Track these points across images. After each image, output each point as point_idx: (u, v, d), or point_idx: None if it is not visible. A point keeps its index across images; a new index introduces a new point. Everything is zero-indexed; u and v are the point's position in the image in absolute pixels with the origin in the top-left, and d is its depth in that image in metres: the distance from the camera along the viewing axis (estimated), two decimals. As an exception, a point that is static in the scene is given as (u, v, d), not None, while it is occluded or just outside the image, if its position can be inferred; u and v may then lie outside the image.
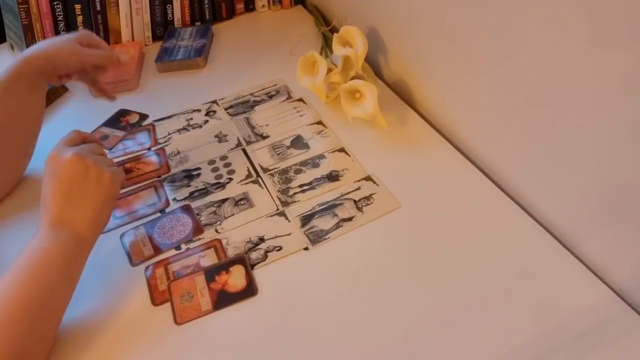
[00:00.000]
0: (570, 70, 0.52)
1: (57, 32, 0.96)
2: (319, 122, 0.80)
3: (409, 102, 0.83)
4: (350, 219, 0.65)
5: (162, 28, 1.04)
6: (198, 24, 1.07)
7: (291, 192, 0.70)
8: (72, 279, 0.55)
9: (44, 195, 0.57)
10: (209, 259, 0.62)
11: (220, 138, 0.80)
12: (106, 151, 0.71)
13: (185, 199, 0.70)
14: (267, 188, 0.71)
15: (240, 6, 1.10)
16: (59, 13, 0.95)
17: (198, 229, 0.66)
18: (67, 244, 0.55)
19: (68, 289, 0.55)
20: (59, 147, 0.60)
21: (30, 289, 0.51)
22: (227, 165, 0.75)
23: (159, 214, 0.69)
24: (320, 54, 0.85)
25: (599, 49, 0.48)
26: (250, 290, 0.59)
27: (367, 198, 0.68)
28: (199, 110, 0.85)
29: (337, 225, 0.65)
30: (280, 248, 0.63)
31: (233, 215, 0.68)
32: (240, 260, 0.62)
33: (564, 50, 0.52)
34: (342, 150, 0.75)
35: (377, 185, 0.69)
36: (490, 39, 0.62)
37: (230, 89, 0.89)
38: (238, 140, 0.79)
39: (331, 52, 0.82)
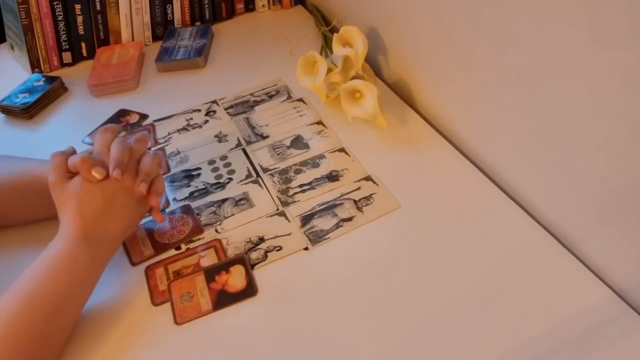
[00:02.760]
0: (571, 69, 0.52)
1: (57, 32, 0.96)
2: (319, 122, 0.80)
3: (409, 102, 0.83)
4: (350, 219, 0.65)
5: (162, 28, 1.04)
6: (198, 24, 1.07)
7: (291, 192, 0.70)
8: (93, 286, 0.56)
9: (79, 197, 0.55)
10: (209, 259, 0.62)
11: (220, 138, 0.80)
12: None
13: (185, 199, 0.70)
14: (267, 188, 0.71)
15: (240, 6, 1.10)
16: (59, 13, 0.95)
17: (198, 229, 0.66)
18: (97, 255, 0.55)
19: (88, 295, 0.55)
20: (103, 154, 0.57)
21: (56, 295, 0.51)
22: (227, 165, 0.75)
23: (159, 214, 0.69)
24: (320, 54, 0.85)
25: (600, 48, 0.48)
26: (250, 290, 0.59)
27: (367, 198, 0.68)
28: (199, 110, 0.85)
29: (337, 225, 0.65)
30: (280, 248, 0.63)
31: (233, 215, 0.68)
32: (240, 260, 0.62)
33: (564, 50, 0.52)
34: (342, 150, 0.75)
35: (377, 185, 0.69)
36: (490, 39, 0.62)
37: (230, 89, 0.89)
38: (238, 140, 0.79)
39: (331, 52, 0.82)
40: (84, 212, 0.55)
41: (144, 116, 0.86)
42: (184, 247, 0.64)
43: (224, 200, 0.69)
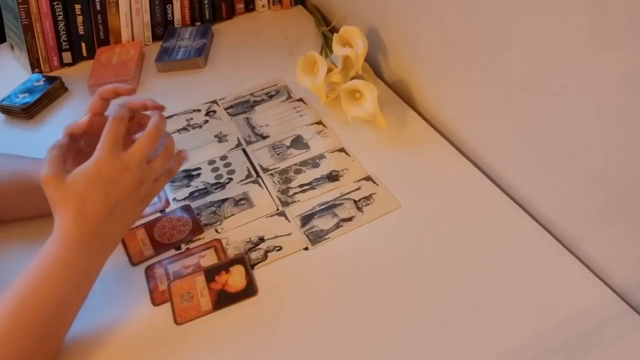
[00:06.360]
0: (571, 69, 0.52)
1: (57, 32, 0.96)
2: (319, 122, 0.80)
3: (409, 102, 0.83)
4: (350, 219, 0.65)
5: (162, 28, 1.04)
6: (198, 24, 1.07)
7: (291, 192, 0.70)
8: (87, 293, 0.54)
9: (82, 196, 0.51)
10: (209, 259, 0.62)
11: (220, 138, 0.80)
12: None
13: (185, 199, 0.70)
14: (267, 188, 0.71)
15: (240, 6, 1.10)
16: (59, 13, 0.95)
17: (198, 229, 0.66)
18: (94, 261, 0.53)
19: (81, 303, 0.54)
20: (118, 153, 0.53)
21: (49, 304, 0.50)
22: (227, 165, 0.75)
23: (159, 214, 0.69)
24: (320, 54, 0.85)
25: (600, 48, 0.48)
26: (250, 290, 0.59)
27: (367, 198, 0.68)
28: (199, 110, 0.85)
29: (337, 225, 0.65)
30: (280, 248, 0.63)
31: (233, 215, 0.68)
32: (240, 260, 0.62)
33: (564, 50, 0.52)
34: (342, 150, 0.75)
35: (377, 185, 0.69)
36: (490, 39, 0.62)
37: (230, 89, 0.89)
38: (238, 140, 0.79)
39: (331, 52, 0.82)
40: (85, 213, 0.51)
41: (144, 116, 0.85)
42: (184, 247, 0.64)
43: (224, 200, 0.69)
